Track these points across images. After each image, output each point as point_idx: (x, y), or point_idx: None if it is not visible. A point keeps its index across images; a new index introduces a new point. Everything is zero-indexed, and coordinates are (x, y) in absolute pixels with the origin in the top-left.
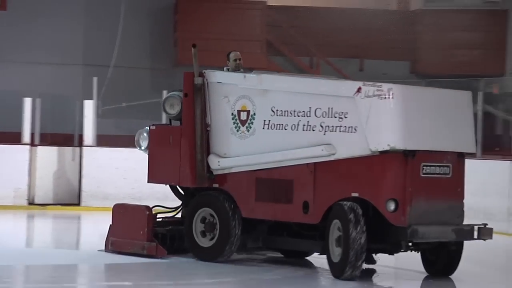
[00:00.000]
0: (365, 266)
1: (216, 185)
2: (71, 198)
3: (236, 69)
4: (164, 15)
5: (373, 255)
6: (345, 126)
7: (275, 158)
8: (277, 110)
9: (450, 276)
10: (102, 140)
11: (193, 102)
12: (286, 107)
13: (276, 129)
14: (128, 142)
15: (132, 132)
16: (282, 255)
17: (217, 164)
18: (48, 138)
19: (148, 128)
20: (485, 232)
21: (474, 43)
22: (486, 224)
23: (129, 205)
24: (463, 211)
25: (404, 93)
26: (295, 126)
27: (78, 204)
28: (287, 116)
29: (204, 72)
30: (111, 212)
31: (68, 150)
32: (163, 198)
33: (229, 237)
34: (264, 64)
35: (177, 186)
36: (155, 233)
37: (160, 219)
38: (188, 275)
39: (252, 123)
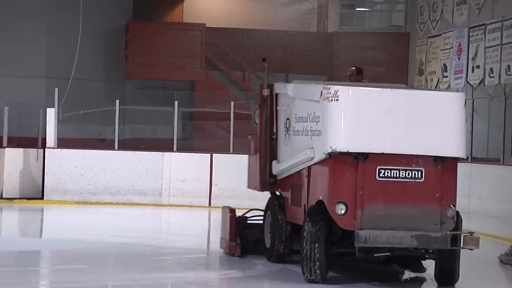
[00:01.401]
0: (413, 274)
1: (279, 190)
2: (35, 193)
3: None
4: (116, 35)
5: (422, 262)
6: (317, 130)
7: (288, 164)
8: (296, 117)
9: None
10: (62, 143)
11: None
12: (299, 113)
13: (295, 135)
14: (85, 144)
15: (88, 135)
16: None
17: (274, 169)
18: (15, 141)
19: None
20: (469, 241)
21: (381, 60)
22: (473, 233)
23: (225, 207)
24: (448, 217)
25: (353, 95)
26: (301, 132)
27: (42, 198)
28: (299, 122)
29: (273, 85)
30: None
31: (32, 151)
32: (115, 193)
33: (275, 238)
34: (203, 78)
35: None
36: (243, 233)
37: (253, 222)
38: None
39: (290, 130)
